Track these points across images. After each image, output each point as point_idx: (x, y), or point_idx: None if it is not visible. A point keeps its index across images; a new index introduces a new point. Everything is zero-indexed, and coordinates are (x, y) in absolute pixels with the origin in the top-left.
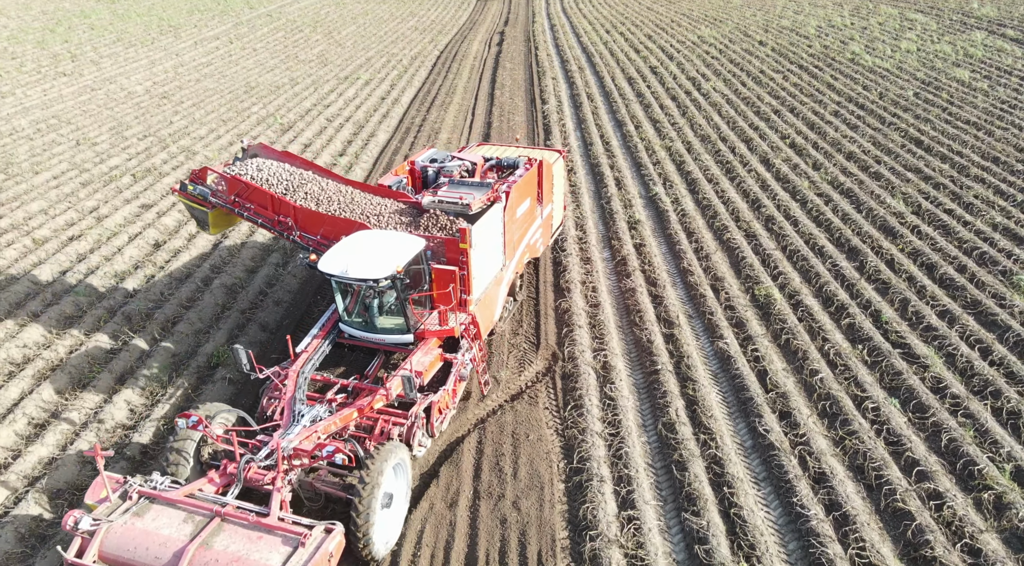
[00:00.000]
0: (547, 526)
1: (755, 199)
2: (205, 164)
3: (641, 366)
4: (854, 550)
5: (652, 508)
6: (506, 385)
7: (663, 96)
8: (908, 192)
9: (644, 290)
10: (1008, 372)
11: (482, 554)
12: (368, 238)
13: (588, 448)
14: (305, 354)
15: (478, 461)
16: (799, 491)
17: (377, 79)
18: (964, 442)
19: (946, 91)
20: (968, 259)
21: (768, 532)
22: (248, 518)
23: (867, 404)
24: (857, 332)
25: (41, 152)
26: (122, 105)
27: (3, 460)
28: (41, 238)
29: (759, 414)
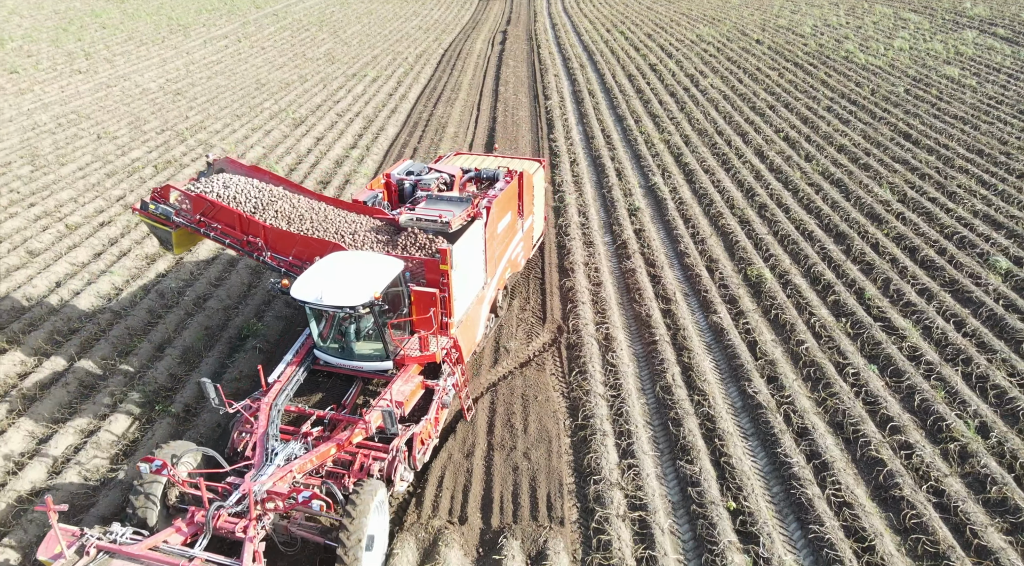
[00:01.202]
0: (555, 473)
1: (749, 188)
2: (167, 182)
3: (640, 338)
4: (831, 491)
5: (650, 458)
6: (515, 354)
7: (662, 92)
8: (895, 182)
9: (643, 271)
10: (979, 342)
11: (497, 496)
12: (344, 260)
13: (592, 407)
14: (278, 384)
15: (491, 419)
16: (783, 443)
17: (384, 76)
18: (935, 401)
19: (936, 87)
20: (948, 243)
21: (754, 477)
22: None
23: (848, 370)
24: (841, 307)
25: (64, 145)
26: (138, 101)
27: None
28: (74, 224)
29: (748, 378)
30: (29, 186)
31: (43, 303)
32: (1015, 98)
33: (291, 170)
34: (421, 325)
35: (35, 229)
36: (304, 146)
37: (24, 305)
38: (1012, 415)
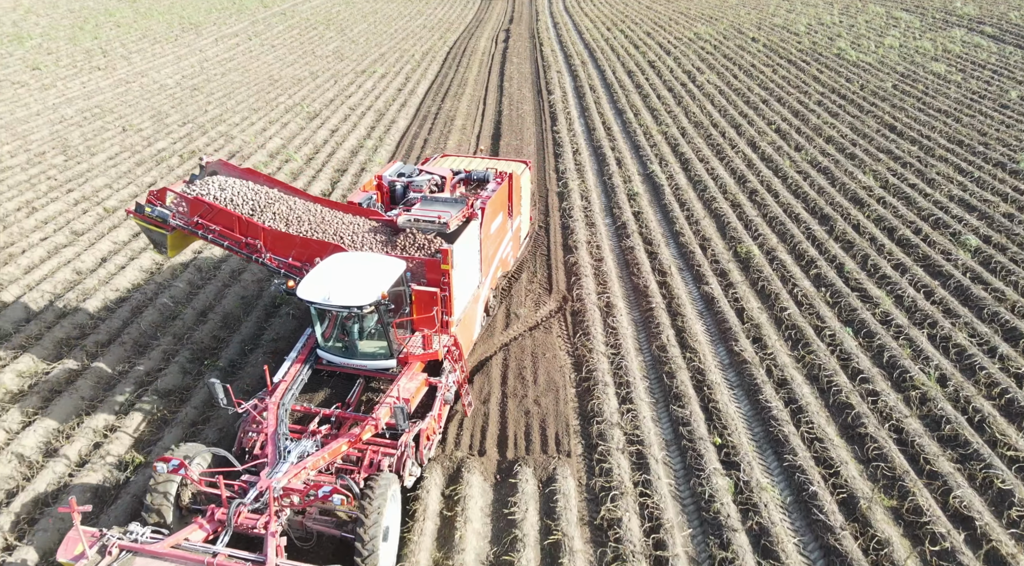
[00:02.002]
0: (562, 416)
1: (741, 176)
2: (163, 185)
3: (638, 305)
4: (804, 429)
5: (646, 404)
6: (525, 319)
7: (660, 87)
8: (878, 170)
9: (641, 248)
10: (946, 309)
11: (511, 434)
12: (347, 261)
13: (594, 363)
14: (284, 384)
15: (504, 372)
16: (764, 392)
17: (392, 73)
18: (901, 357)
19: (922, 83)
20: (924, 224)
21: (738, 419)
22: None
23: (825, 332)
24: (822, 279)
25: (92, 137)
26: (157, 96)
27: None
28: (111, 207)
29: (736, 339)
30: (65, 174)
31: (93, 275)
32: (997, 93)
33: (309, 160)
34: (422, 324)
35: (76, 212)
36: (320, 137)
37: (75, 278)
38: (970, 369)
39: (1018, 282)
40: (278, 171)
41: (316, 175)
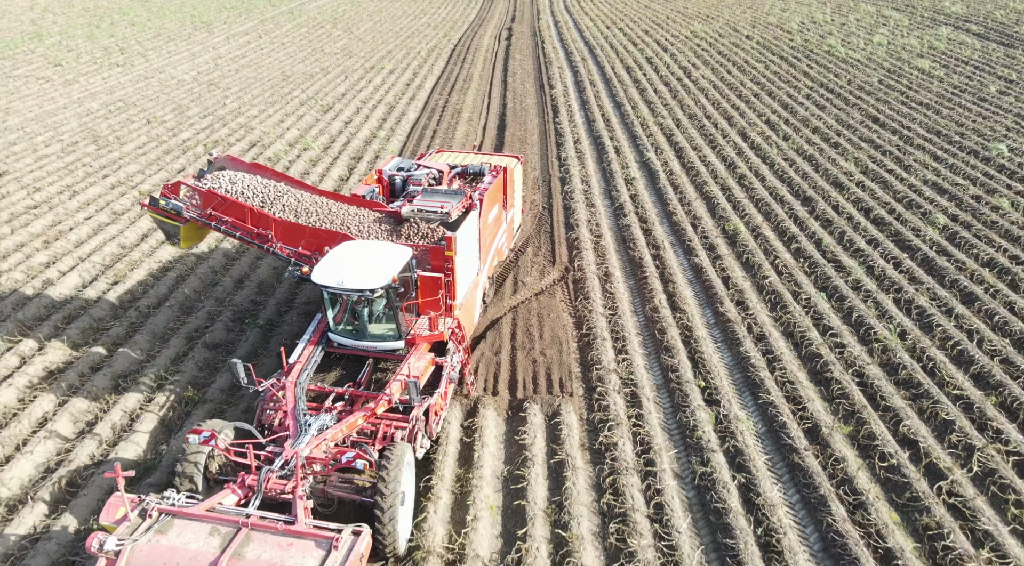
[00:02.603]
0: (565, 364)
1: (731, 162)
2: (177, 178)
3: (634, 275)
4: (778, 374)
5: (640, 355)
6: (530, 286)
7: (657, 82)
8: (859, 157)
9: (637, 226)
10: (912, 277)
11: (520, 379)
12: (357, 249)
13: (594, 321)
14: (299, 364)
15: (513, 329)
16: (745, 345)
17: (400, 69)
18: (868, 317)
19: (907, 78)
20: (898, 205)
21: (720, 366)
22: (276, 526)
23: (801, 296)
24: (801, 252)
25: (119, 128)
26: (176, 91)
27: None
28: (145, 191)
29: (721, 302)
30: (98, 161)
31: (137, 249)
32: (977, 87)
33: (326, 148)
34: (427, 307)
35: (114, 195)
36: (335, 128)
37: (121, 252)
38: (928, 326)
39: (979, 254)
40: (297, 159)
41: (333, 162)
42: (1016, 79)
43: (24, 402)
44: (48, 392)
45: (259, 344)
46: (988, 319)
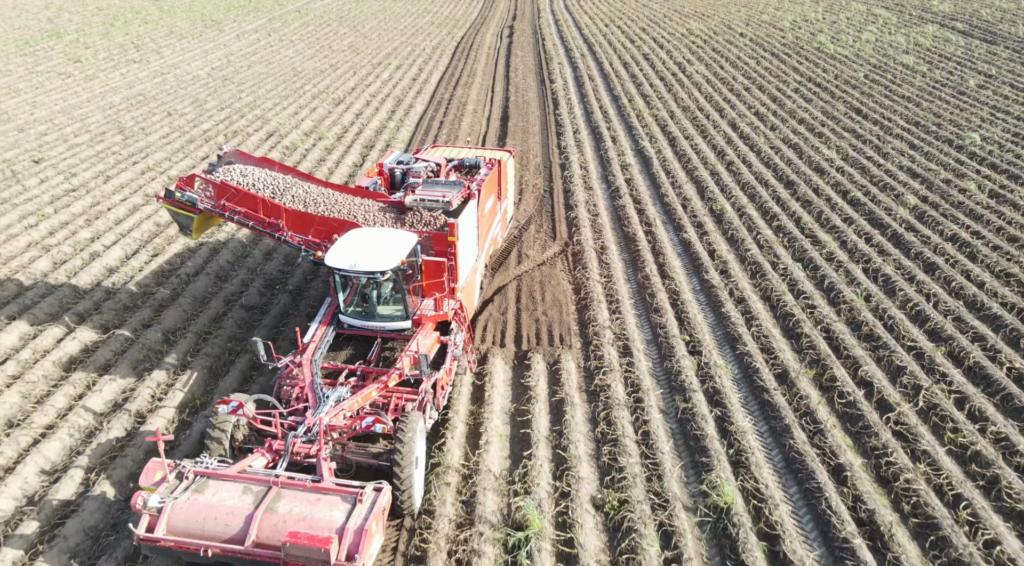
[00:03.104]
0: (565, 323)
1: (721, 150)
2: (191, 172)
3: (627, 248)
4: (754, 330)
5: (632, 315)
6: (533, 258)
7: (653, 77)
8: (841, 146)
9: (631, 206)
10: (881, 250)
11: (524, 335)
12: (366, 235)
13: (590, 287)
14: (313, 343)
15: (518, 294)
16: (726, 306)
17: (406, 64)
18: (838, 283)
19: (891, 73)
20: (874, 187)
21: (703, 324)
22: (304, 484)
23: (779, 266)
24: (782, 229)
25: (142, 120)
26: (192, 85)
27: None
28: (173, 176)
29: (706, 271)
30: (127, 150)
31: (172, 227)
32: (957, 81)
33: (339, 137)
34: (431, 290)
35: (145, 179)
36: (347, 119)
37: (157, 229)
38: (891, 291)
39: (944, 230)
40: (313, 147)
41: (348, 149)
42: (995, 74)
43: (88, 352)
44: (107, 345)
45: (290, 306)
46: (946, 285)
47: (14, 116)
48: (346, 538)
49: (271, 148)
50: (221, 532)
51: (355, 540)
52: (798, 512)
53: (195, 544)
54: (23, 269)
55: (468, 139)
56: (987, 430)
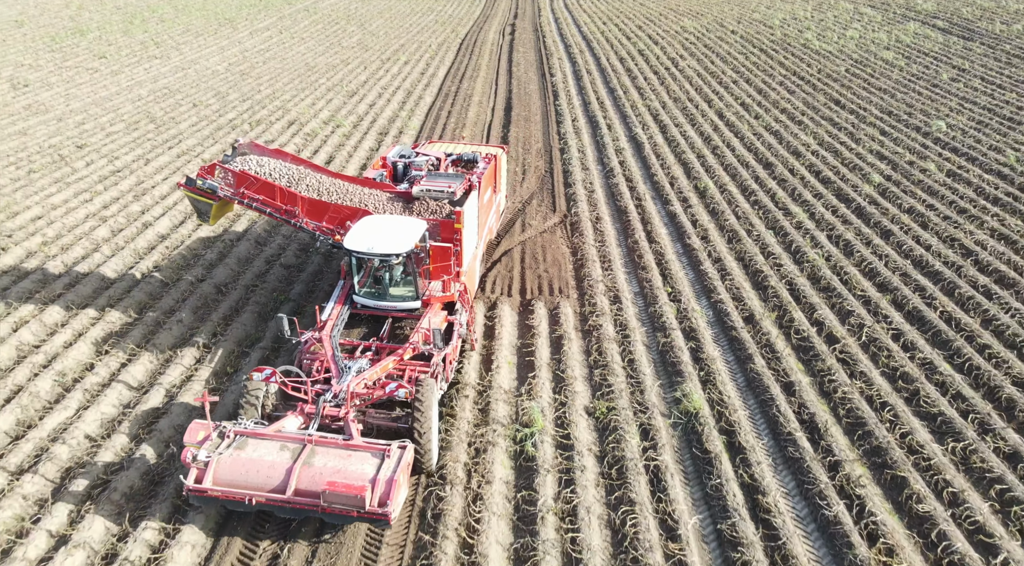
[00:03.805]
0: (563, 278)
1: (708, 136)
2: (213, 160)
3: (619, 219)
4: (728, 283)
5: (622, 272)
6: (535, 228)
7: (647, 71)
8: (818, 132)
9: (623, 183)
10: (844, 220)
11: (528, 287)
12: (380, 221)
13: (586, 250)
14: (331, 321)
15: (523, 256)
16: (704, 265)
17: (414, 60)
18: (803, 246)
19: (871, 67)
20: (844, 168)
21: (684, 279)
22: (336, 442)
23: (753, 232)
24: (757, 203)
25: (171, 110)
26: (212, 80)
27: None
28: (207, 159)
29: (689, 237)
30: (160, 137)
31: None
32: (932, 75)
33: (355, 125)
34: (437, 273)
35: (181, 162)
36: (361, 109)
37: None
38: (849, 252)
39: (903, 204)
40: (331, 134)
41: (364, 136)
42: (968, 68)
43: (153, 298)
44: (170, 293)
45: (324, 265)
46: (897, 248)
47: (51, 107)
48: (378, 487)
49: (293, 135)
50: (263, 483)
51: (386, 489)
52: (753, 416)
53: (240, 494)
54: (86, 235)
55: (463, 135)
56: (916, 357)
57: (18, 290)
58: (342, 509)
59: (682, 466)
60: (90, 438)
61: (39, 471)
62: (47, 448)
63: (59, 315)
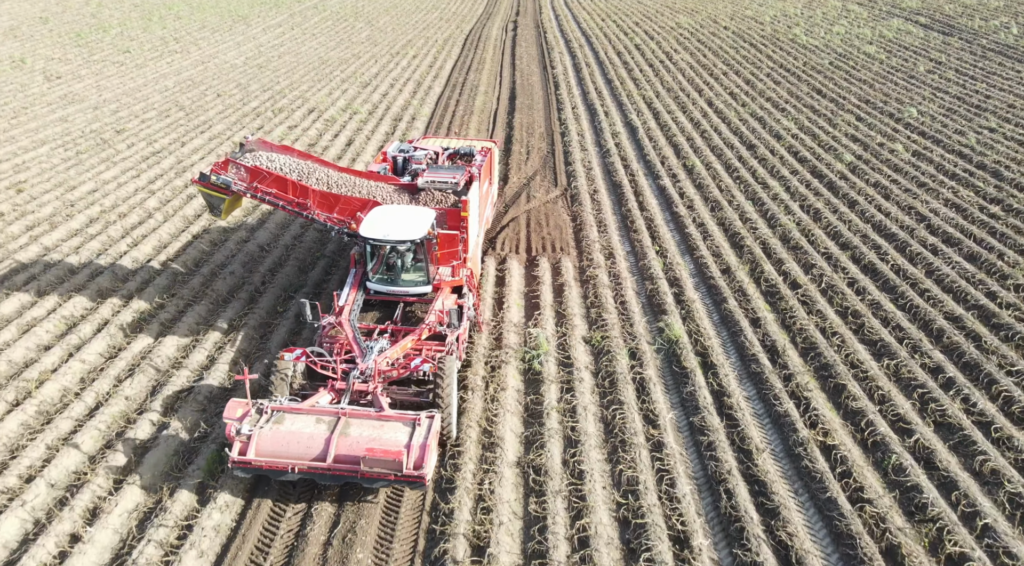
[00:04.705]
0: (564, 240)
1: (697, 122)
2: (227, 156)
3: (614, 191)
4: (707, 243)
5: (616, 235)
6: (539, 199)
7: (642, 64)
8: (799, 118)
9: (619, 162)
10: (816, 192)
11: (533, 247)
12: (392, 211)
13: (584, 216)
14: (347, 306)
15: (528, 221)
16: (689, 229)
17: (422, 54)
18: (778, 213)
19: (853, 60)
20: (820, 149)
21: (671, 240)
22: (368, 414)
23: (734, 202)
24: (739, 178)
25: (197, 100)
26: (231, 72)
27: None
28: (237, 141)
29: (676, 206)
30: (191, 122)
31: None
32: (910, 67)
33: (371, 112)
34: (445, 259)
35: (214, 144)
36: (375, 98)
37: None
38: (817, 218)
39: (869, 179)
40: (349, 120)
41: (379, 121)
42: (944, 61)
43: (205, 255)
44: (220, 251)
45: (349, 244)
46: (861, 215)
47: (85, 97)
48: (412, 452)
49: (314, 121)
50: (304, 453)
51: (420, 454)
52: (724, 344)
53: (283, 463)
54: (140, 204)
55: (456, 131)
56: (865, 299)
57: (87, 248)
58: (381, 473)
59: (663, 379)
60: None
61: (94, 431)
62: (101, 405)
63: (131, 264)
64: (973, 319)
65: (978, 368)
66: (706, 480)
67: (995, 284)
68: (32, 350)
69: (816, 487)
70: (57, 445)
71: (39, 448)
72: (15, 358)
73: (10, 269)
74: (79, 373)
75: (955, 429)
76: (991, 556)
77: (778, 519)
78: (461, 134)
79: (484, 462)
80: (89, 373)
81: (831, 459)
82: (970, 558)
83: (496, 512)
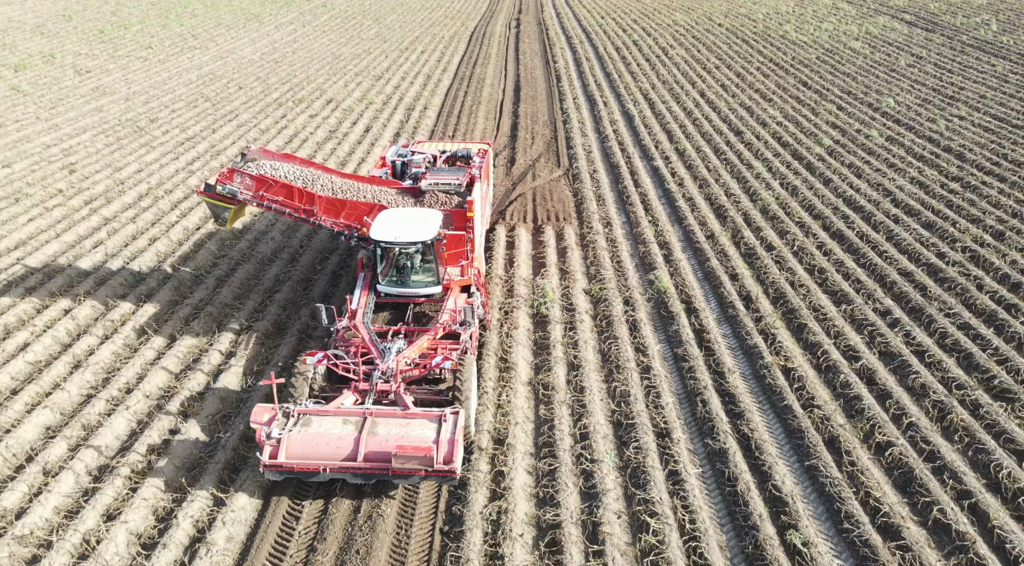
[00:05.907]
0: (566, 211)
1: (690, 111)
2: (231, 166)
3: (612, 172)
4: (695, 215)
5: (613, 207)
6: (543, 178)
7: (640, 58)
8: (784, 107)
9: (616, 146)
10: (795, 171)
11: (539, 216)
12: (400, 213)
13: (584, 192)
14: (360, 308)
15: (534, 197)
16: (679, 203)
17: (429, 50)
18: (759, 189)
19: (839, 55)
20: (801, 134)
21: (662, 211)
22: (394, 412)
23: (720, 181)
24: (726, 160)
25: (221, 91)
26: (250, 67)
27: None
28: (264, 128)
29: (667, 183)
30: (218, 112)
31: None
32: (892, 61)
33: (385, 103)
34: (453, 259)
35: (242, 131)
36: (388, 90)
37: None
38: (795, 193)
39: (844, 160)
40: (365, 110)
41: (394, 111)
42: (924, 56)
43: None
44: (256, 225)
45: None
46: (834, 191)
47: (115, 90)
48: (441, 447)
49: (332, 110)
50: (334, 454)
51: (449, 448)
52: (707, 294)
53: (314, 464)
54: (182, 183)
55: (451, 134)
56: (831, 258)
57: (142, 219)
58: (412, 469)
59: (652, 321)
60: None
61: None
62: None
63: (181, 234)
64: (922, 274)
65: (921, 311)
66: (686, 395)
67: (945, 246)
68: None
69: (775, 398)
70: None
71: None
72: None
73: (74, 240)
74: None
75: (895, 356)
76: (912, 444)
77: (743, 420)
78: (469, 124)
79: (501, 381)
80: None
81: (790, 378)
82: (894, 444)
83: (512, 416)
